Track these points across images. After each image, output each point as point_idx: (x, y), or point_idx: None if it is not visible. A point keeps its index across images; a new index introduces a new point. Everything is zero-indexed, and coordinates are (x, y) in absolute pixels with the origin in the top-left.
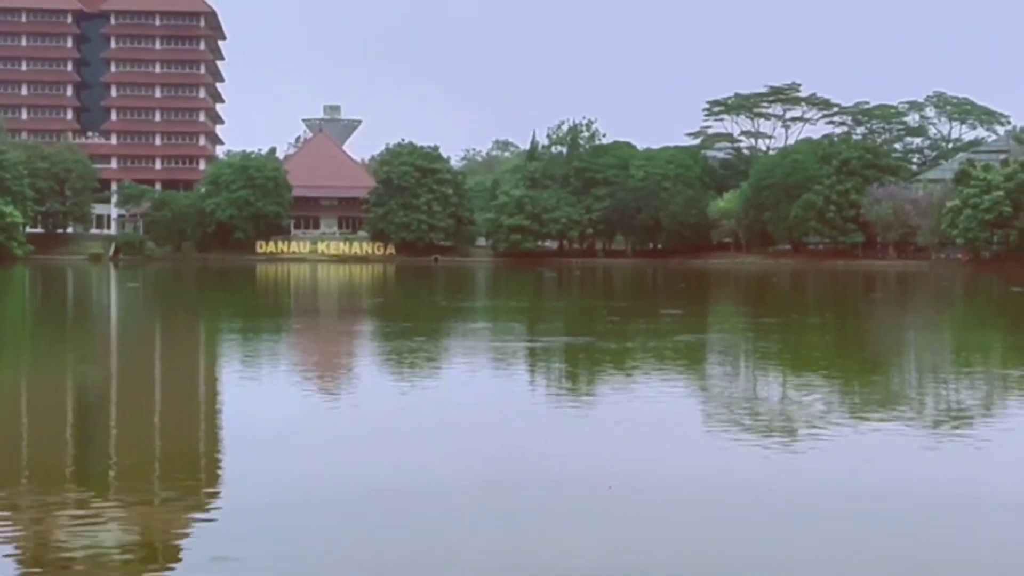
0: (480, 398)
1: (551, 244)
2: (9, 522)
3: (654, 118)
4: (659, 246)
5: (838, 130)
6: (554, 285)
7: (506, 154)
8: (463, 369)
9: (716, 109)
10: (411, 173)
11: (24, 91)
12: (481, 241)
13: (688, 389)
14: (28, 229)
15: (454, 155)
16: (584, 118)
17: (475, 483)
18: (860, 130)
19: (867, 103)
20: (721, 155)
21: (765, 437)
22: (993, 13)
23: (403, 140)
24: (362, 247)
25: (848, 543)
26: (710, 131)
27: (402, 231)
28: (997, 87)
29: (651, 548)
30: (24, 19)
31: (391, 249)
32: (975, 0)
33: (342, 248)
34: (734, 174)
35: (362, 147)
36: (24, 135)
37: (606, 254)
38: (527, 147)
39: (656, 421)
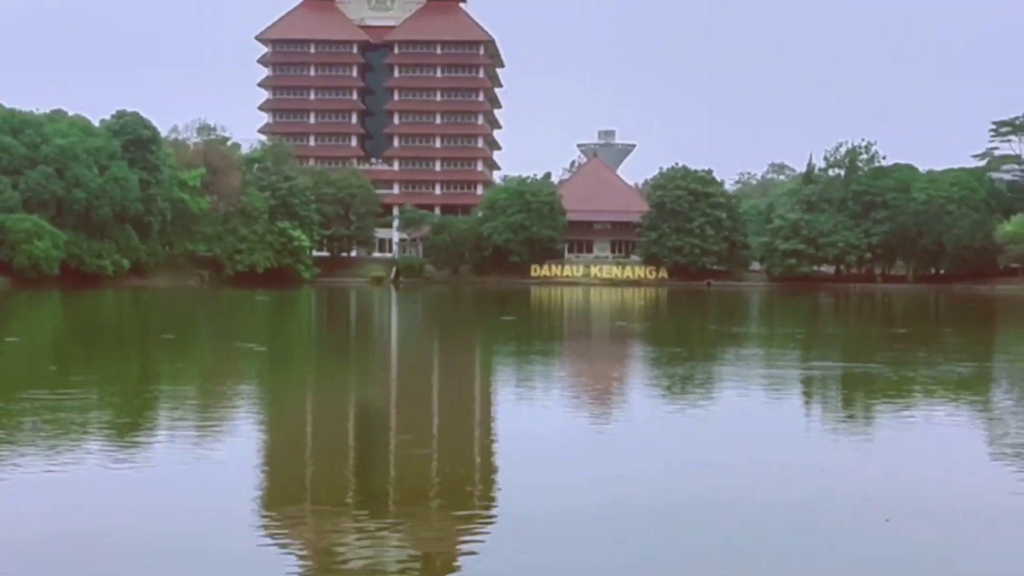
0: (750, 423)
1: (828, 269)
2: (295, 537)
3: (936, 140)
4: (942, 271)
5: None
6: (831, 310)
7: (781, 177)
8: (733, 394)
9: (1003, 130)
10: (684, 197)
11: (312, 119)
12: (755, 265)
13: (967, 419)
14: (314, 252)
15: (728, 179)
16: (863, 140)
17: (735, 504)
18: None
19: None
20: (1008, 177)
21: None
22: None
23: (676, 164)
24: (634, 271)
25: None
26: (997, 152)
27: (675, 255)
28: None
29: None
30: (313, 50)
31: (663, 273)
32: None
33: (615, 272)
34: (1022, 197)
35: (635, 171)
36: (312, 162)
37: (885, 279)
38: (803, 170)
39: (933, 450)
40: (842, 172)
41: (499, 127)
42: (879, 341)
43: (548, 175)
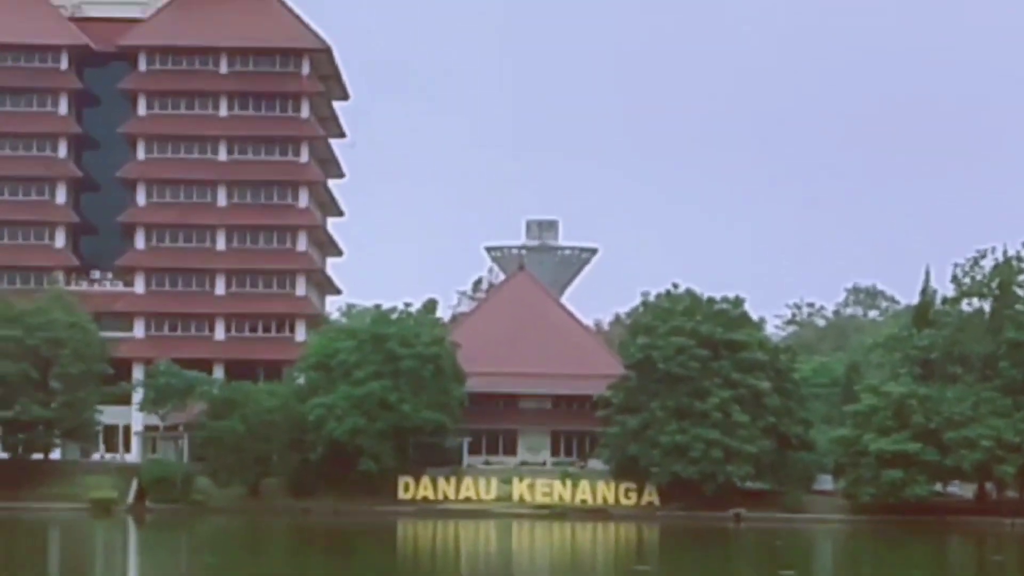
0: None
1: (961, 490)
2: None
3: None
4: None
5: None
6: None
7: (872, 313)
8: None
9: None
10: (692, 349)
11: None
12: (824, 481)
13: None
14: None
15: (772, 315)
16: None
17: None
18: None
19: None
20: None
21: None
22: None
23: (675, 286)
24: (596, 490)
25: None
26: None
27: (673, 461)
28: None
29: None
30: None
31: (652, 495)
32: None
33: (558, 492)
34: None
35: (598, 298)
36: None
37: None
38: (912, 301)
39: None
40: (986, 305)
41: (339, 213)
42: None
43: (433, 305)
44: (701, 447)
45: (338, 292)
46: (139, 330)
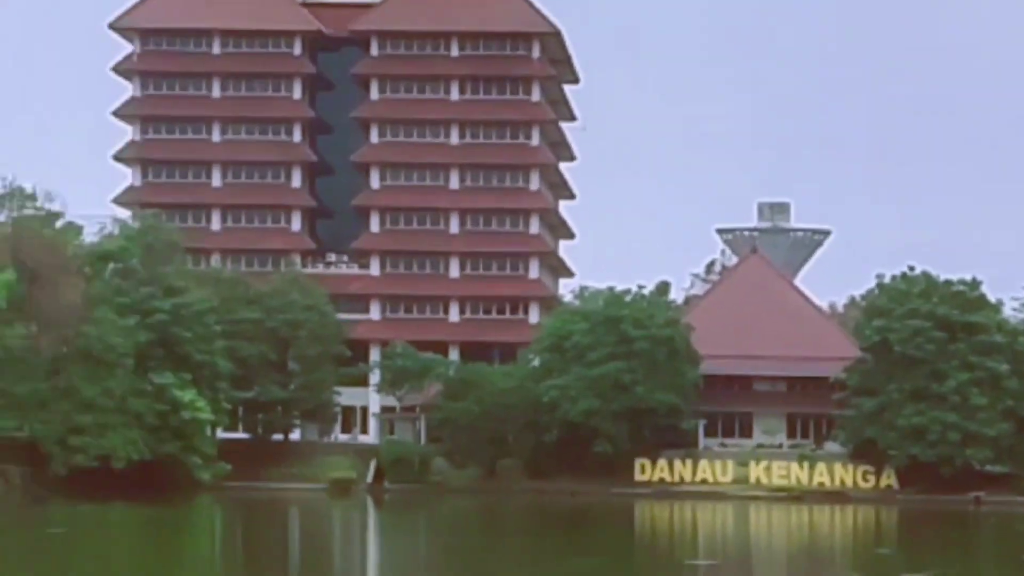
0: None
1: None
2: None
3: None
4: None
5: None
6: None
7: None
8: None
9: None
10: (928, 331)
11: (216, 179)
12: None
13: None
14: (222, 433)
15: (1008, 296)
16: None
17: None
18: None
19: None
20: None
21: None
22: None
23: (911, 268)
24: (834, 473)
25: None
26: None
27: (911, 443)
28: None
29: None
30: (217, 48)
31: (889, 478)
32: None
33: (795, 474)
34: None
35: (832, 280)
36: (216, 259)
37: None
38: None
39: None
40: None
41: (571, 196)
42: None
43: (665, 287)
44: (939, 430)
45: (571, 274)
46: (375, 312)
